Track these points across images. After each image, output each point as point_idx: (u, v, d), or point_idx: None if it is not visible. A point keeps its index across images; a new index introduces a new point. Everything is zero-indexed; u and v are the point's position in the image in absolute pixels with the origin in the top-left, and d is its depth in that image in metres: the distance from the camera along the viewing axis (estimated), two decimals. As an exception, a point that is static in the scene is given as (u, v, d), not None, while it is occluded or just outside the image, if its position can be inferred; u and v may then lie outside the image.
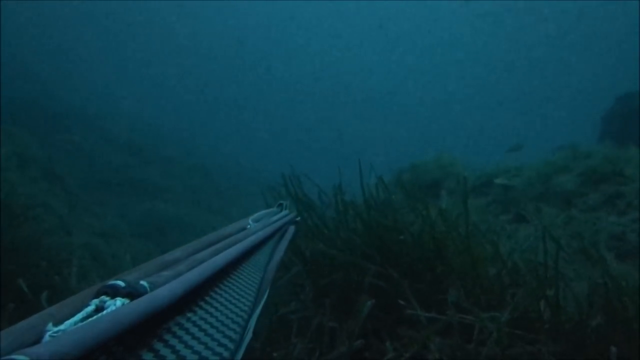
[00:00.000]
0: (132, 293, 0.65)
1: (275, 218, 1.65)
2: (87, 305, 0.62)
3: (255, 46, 42.16)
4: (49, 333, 0.55)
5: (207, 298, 0.82)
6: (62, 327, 0.56)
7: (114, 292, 0.65)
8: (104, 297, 0.64)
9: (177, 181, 12.68)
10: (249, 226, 1.35)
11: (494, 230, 2.70)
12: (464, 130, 37.21)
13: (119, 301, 0.63)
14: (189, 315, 0.73)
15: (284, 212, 1.85)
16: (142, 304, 0.61)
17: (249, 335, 0.84)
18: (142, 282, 0.69)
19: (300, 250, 2.70)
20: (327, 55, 45.45)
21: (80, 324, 0.57)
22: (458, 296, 1.96)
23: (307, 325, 2.29)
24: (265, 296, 1.09)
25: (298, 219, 2.01)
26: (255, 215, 1.51)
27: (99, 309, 0.61)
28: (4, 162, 5.31)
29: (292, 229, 1.77)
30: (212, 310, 0.79)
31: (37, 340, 0.54)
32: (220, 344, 0.69)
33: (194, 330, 0.70)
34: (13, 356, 0.44)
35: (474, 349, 1.76)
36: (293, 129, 35.97)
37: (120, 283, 0.66)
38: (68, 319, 0.58)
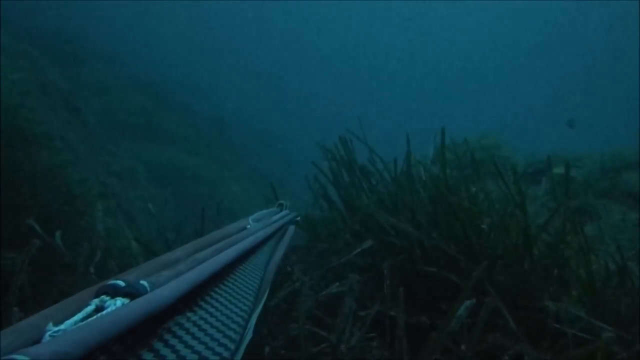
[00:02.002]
0: (132, 293, 0.65)
1: (275, 218, 1.65)
2: (87, 305, 0.62)
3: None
4: (49, 333, 0.55)
5: (207, 298, 0.83)
6: (62, 326, 0.56)
7: (114, 292, 0.65)
8: (104, 297, 0.64)
9: (192, 130, 12.28)
10: (249, 226, 1.34)
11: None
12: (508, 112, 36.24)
13: (119, 301, 0.63)
14: (189, 315, 0.73)
15: (284, 212, 1.85)
16: (142, 304, 0.61)
17: (249, 335, 0.84)
18: (142, 282, 0.69)
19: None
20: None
21: (80, 323, 0.57)
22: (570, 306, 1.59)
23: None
24: (265, 296, 1.08)
25: (298, 218, 2.02)
26: (255, 215, 1.51)
27: (99, 308, 0.61)
28: (25, 86, 4.88)
29: (292, 228, 1.77)
30: (212, 310, 0.79)
31: (38, 340, 0.53)
32: (220, 344, 0.69)
33: (194, 330, 0.70)
34: (13, 356, 0.43)
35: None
36: (327, 102, 35.18)
37: (120, 283, 0.66)
38: (68, 318, 0.58)
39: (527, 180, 4.26)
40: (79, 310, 0.59)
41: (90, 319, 0.57)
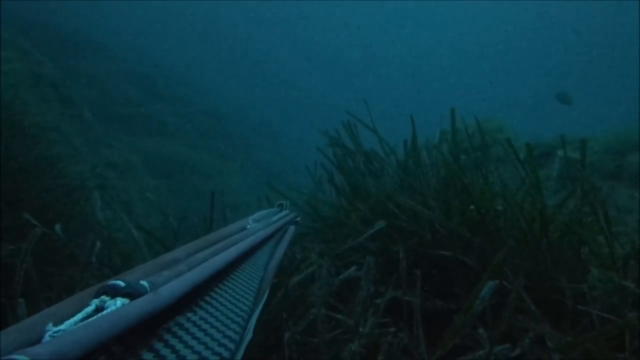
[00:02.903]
0: (132, 293, 0.65)
1: (275, 218, 1.64)
2: (87, 305, 0.62)
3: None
4: (49, 333, 0.55)
5: (207, 298, 0.82)
6: (62, 327, 0.56)
7: (114, 292, 0.65)
8: (104, 297, 0.64)
9: (188, 122, 12.17)
10: (248, 226, 1.33)
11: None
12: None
13: (119, 301, 0.63)
14: (189, 315, 0.73)
15: (284, 212, 1.84)
16: (142, 304, 0.62)
17: (249, 335, 0.83)
18: (142, 282, 0.69)
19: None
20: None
21: (80, 323, 0.57)
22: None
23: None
24: (265, 296, 1.08)
25: (298, 219, 2.01)
26: (255, 215, 1.49)
27: (99, 309, 0.62)
28: (18, 78, 4.78)
29: (292, 228, 1.77)
30: (212, 310, 0.79)
31: (37, 340, 0.53)
32: (220, 344, 0.69)
33: (194, 330, 0.70)
34: (13, 356, 0.43)
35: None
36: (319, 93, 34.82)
37: (120, 283, 0.66)
38: (68, 318, 0.58)
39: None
40: (79, 310, 0.60)
41: (90, 319, 0.57)
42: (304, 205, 3.20)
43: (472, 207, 2.25)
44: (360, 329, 1.61)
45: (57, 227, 2.78)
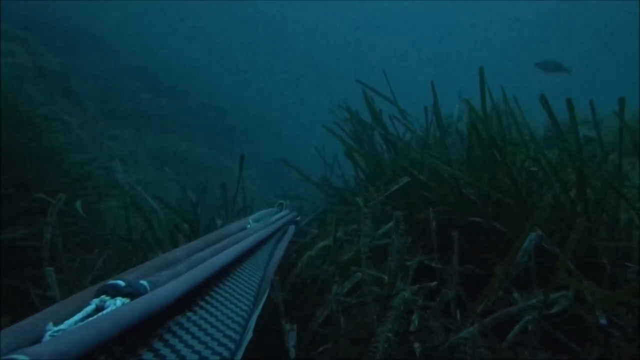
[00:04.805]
0: (132, 293, 0.65)
1: (275, 218, 1.63)
2: (87, 304, 0.62)
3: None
4: (49, 332, 0.55)
5: (207, 298, 0.83)
6: (62, 326, 0.57)
7: (114, 292, 0.65)
8: (104, 297, 0.64)
9: (190, 117, 12.09)
10: (248, 226, 1.33)
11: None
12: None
13: (119, 301, 0.63)
14: (189, 314, 0.74)
15: (284, 212, 1.84)
16: (142, 303, 0.62)
17: (249, 335, 0.83)
18: (142, 282, 0.69)
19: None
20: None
21: (80, 323, 0.58)
22: None
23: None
24: (265, 296, 1.08)
25: (298, 218, 2.01)
26: (255, 215, 1.49)
27: (99, 308, 0.62)
28: (22, 71, 4.70)
29: (292, 228, 1.76)
30: (212, 309, 0.79)
31: (38, 340, 0.54)
32: (220, 344, 0.69)
33: (194, 329, 0.70)
34: (13, 356, 0.44)
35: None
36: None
37: (121, 283, 0.66)
38: (68, 318, 0.58)
39: (547, 144, 4.15)
40: (79, 310, 0.60)
41: (90, 319, 0.58)
42: (319, 185, 3.14)
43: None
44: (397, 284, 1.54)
45: (78, 203, 2.70)
